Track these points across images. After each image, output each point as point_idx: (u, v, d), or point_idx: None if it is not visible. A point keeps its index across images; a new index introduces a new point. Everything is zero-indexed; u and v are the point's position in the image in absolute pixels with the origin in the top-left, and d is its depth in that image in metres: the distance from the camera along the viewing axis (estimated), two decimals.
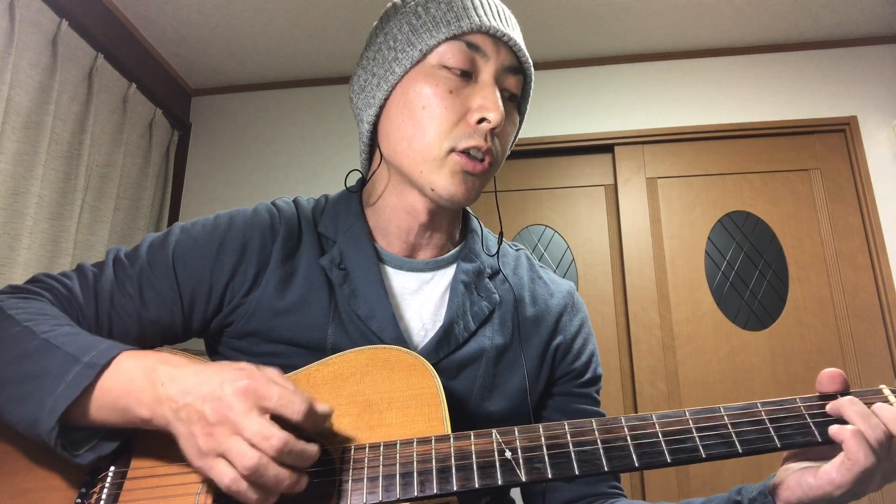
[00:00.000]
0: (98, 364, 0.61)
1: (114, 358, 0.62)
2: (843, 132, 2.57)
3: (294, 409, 0.57)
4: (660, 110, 2.67)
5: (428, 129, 0.75)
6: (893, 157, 2.48)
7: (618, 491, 0.85)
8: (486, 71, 0.76)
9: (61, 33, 2.09)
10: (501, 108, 0.74)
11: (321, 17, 2.49)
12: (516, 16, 0.86)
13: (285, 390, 0.58)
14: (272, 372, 0.61)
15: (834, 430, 0.60)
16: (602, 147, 2.69)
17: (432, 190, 0.76)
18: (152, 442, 0.66)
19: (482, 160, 0.75)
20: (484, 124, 0.74)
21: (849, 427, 0.59)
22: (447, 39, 0.76)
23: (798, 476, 0.62)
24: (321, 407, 0.60)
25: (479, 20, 0.75)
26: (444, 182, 0.75)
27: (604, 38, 2.64)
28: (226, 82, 2.93)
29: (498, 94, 0.75)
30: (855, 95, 2.58)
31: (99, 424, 0.62)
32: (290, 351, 0.75)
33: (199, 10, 2.43)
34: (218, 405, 0.56)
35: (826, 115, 2.57)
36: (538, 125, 2.69)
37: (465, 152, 0.74)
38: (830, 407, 0.62)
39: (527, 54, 0.81)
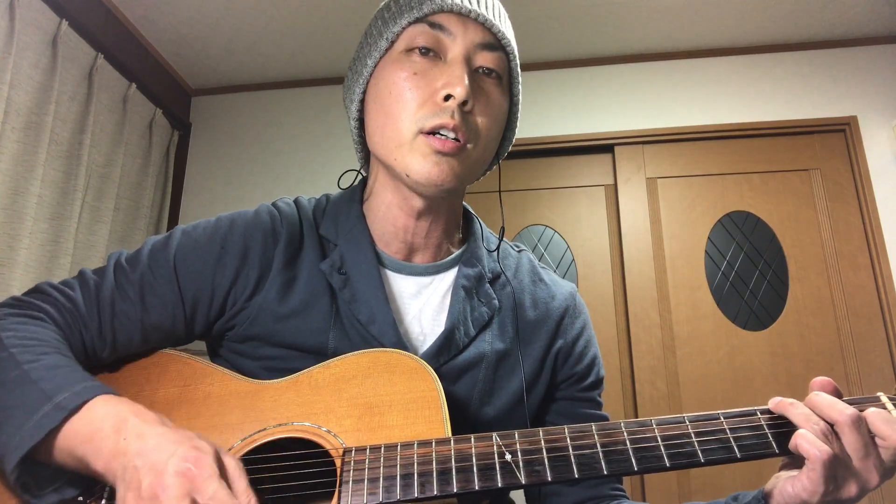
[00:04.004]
0: (67, 408, 0.60)
1: (86, 402, 0.61)
2: (843, 132, 2.57)
3: None
4: (660, 110, 2.67)
5: (397, 113, 0.74)
6: (893, 157, 2.49)
7: (620, 493, 0.85)
8: (454, 49, 0.75)
9: (61, 33, 2.09)
10: (466, 82, 0.72)
11: (321, 17, 2.49)
12: (516, 16, 0.85)
13: (221, 492, 0.54)
14: (230, 462, 0.57)
15: (792, 442, 0.61)
16: (602, 147, 2.69)
17: (408, 175, 0.74)
18: None
19: (455, 139, 0.73)
20: (450, 101, 0.72)
21: (798, 431, 0.60)
22: (411, 24, 0.76)
23: (781, 486, 0.62)
24: None
25: (442, 0, 0.75)
26: (418, 166, 0.73)
27: (604, 38, 2.64)
28: (226, 82, 2.93)
29: (465, 70, 0.73)
30: (855, 95, 2.58)
31: (61, 467, 0.62)
32: (291, 355, 0.75)
33: (199, 10, 2.43)
34: (155, 481, 0.54)
35: (826, 115, 2.57)
36: (538, 125, 2.69)
37: (434, 133, 0.73)
38: (774, 406, 0.64)
39: (502, 29, 0.78)
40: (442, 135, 0.72)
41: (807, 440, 0.59)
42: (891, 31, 2.60)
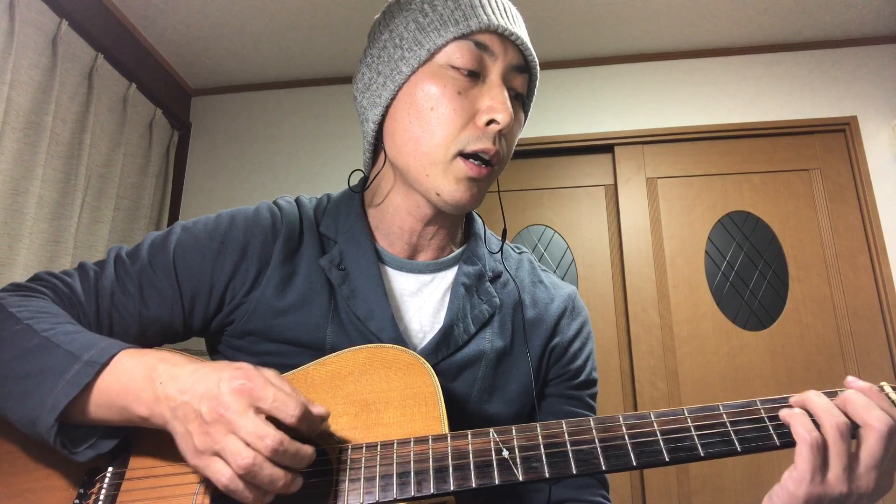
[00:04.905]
0: (98, 362, 0.61)
1: (113, 356, 0.62)
2: (843, 132, 2.56)
3: (288, 412, 0.57)
4: (660, 110, 2.67)
5: (436, 130, 0.74)
6: (893, 157, 2.48)
7: (604, 501, 0.83)
8: (495, 71, 0.75)
9: (61, 33, 2.09)
10: (510, 109, 0.73)
11: (321, 17, 2.49)
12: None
13: (281, 392, 0.58)
14: (270, 373, 0.60)
15: (783, 412, 0.60)
16: (602, 147, 2.69)
17: (437, 195, 0.75)
18: (151, 442, 0.66)
19: (488, 164, 0.75)
20: (493, 126, 0.73)
21: (793, 411, 0.60)
22: (455, 39, 0.74)
23: (783, 479, 0.61)
24: (316, 410, 0.60)
25: (488, 19, 0.74)
26: (450, 188, 0.74)
27: (604, 38, 2.64)
28: (226, 82, 2.93)
29: (506, 95, 0.74)
30: (855, 95, 2.57)
31: (98, 422, 0.63)
32: (289, 350, 0.75)
33: (199, 10, 2.43)
34: (214, 404, 0.56)
35: (826, 115, 2.57)
36: (538, 125, 2.69)
37: (472, 156, 0.73)
38: (795, 400, 0.62)
39: (533, 53, 0.79)
40: (479, 158, 0.74)
41: (799, 422, 0.58)
42: (891, 31, 2.59)
